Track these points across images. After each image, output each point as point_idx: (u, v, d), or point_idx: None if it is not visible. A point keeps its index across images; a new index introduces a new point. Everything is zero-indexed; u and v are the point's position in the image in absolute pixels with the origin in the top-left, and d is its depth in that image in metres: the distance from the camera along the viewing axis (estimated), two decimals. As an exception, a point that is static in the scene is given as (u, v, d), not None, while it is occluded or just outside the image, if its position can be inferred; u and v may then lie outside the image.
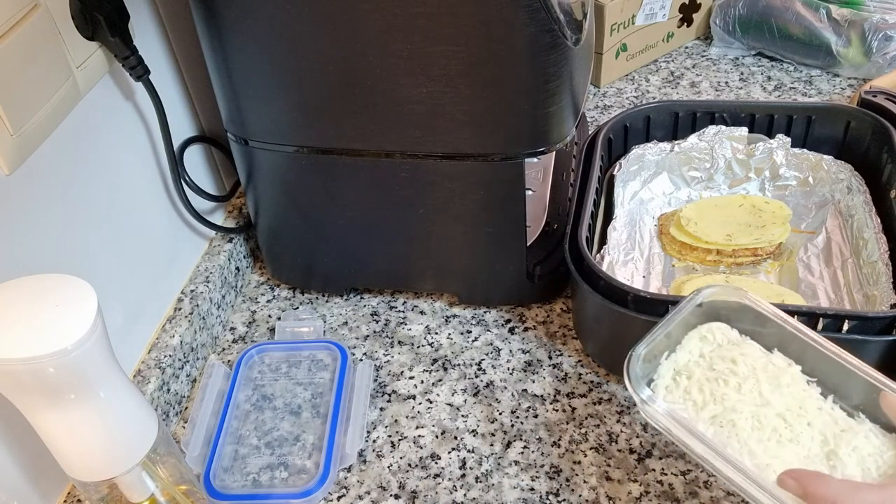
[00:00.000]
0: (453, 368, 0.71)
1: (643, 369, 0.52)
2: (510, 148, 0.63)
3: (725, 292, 0.55)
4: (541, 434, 0.65)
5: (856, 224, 0.72)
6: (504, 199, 0.67)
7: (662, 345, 0.54)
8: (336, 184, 0.68)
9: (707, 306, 0.55)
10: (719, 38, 1.06)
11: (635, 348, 0.52)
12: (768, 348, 0.54)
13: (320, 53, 0.59)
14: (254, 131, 0.66)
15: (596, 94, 1.03)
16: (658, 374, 0.53)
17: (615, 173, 0.79)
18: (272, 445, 0.65)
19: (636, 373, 0.51)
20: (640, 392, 0.50)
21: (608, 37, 0.98)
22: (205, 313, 0.73)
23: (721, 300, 0.55)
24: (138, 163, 0.68)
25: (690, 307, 0.55)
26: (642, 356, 0.52)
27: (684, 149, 0.80)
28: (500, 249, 0.71)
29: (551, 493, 0.60)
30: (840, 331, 0.58)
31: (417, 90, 0.59)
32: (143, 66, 0.62)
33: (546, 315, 0.75)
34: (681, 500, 0.59)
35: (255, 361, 0.73)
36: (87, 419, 0.45)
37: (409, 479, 0.62)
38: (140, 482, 0.49)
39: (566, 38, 0.58)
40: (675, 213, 0.78)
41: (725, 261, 0.74)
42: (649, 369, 0.53)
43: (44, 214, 0.56)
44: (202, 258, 0.77)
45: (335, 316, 0.77)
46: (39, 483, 0.57)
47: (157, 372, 0.66)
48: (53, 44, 0.54)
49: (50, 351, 0.41)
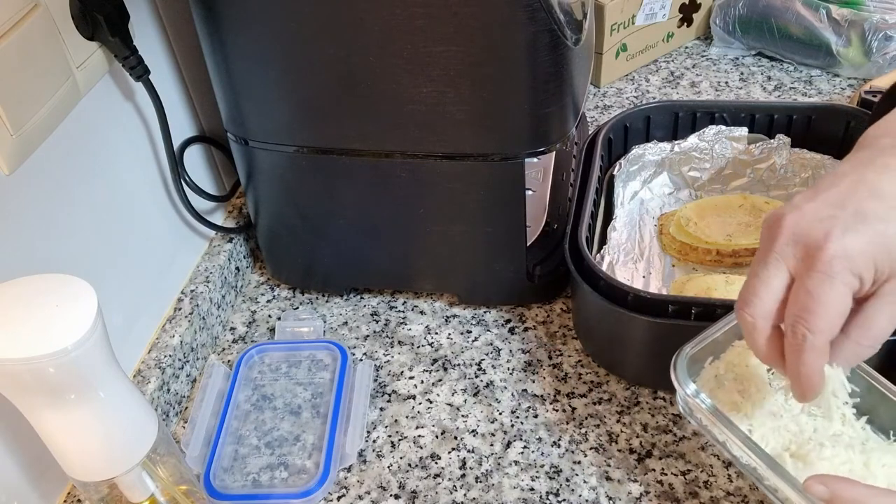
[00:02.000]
0: (453, 368, 0.71)
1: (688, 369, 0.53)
2: (510, 148, 0.63)
3: None
4: (541, 434, 0.65)
5: (856, 224, 0.72)
6: (504, 199, 0.67)
7: (708, 350, 0.55)
8: (336, 184, 0.68)
9: None
10: (719, 38, 1.06)
11: (684, 347, 0.53)
12: None
13: (320, 53, 0.59)
14: (254, 131, 0.66)
15: (596, 94, 1.03)
16: (700, 378, 0.55)
17: (615, 173, 0.79)
18: (272, 445, 0.65)
19: (683, 369, 0.52)
20: (685, 386, 0.51)
21: (608, 37, 0.98)
22: (205, 313, 0.73)
23: None
24: (138, 163, 0.68)
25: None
26: (689, 356, 0.53)
27: (684, 149, 0.80)
28: (500, 249, 0.71)
29: (551, 493, 0.60)
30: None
31: (417, 90, 0.59)
32: (143, 66, 0.62)
33: (546, 315, 0.75)
34: (681, 500, 0.59)
35: (255, 361, 0.73)
36: (87, 419, 0.45)
37: (409, 479, 0.62)
38: (140, 482, 0.49)
39: (566, 38, 0.58)
40: (675, 213, 0.78)
41: (725, 261, 0.74)
42: (693, 371, 0.54)
43: (44, 214, 0.56)
44: (202, 258, 0.77)
45: (335, 316, 0.77)
46: (39, 483, 0.57)
47: (157, 372, 0.66)
48: (53, 44, 0.54)
49: (50, 351, 0.41)
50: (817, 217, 0.43)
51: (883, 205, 0.43)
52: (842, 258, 0.41)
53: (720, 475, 0.60)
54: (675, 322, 0.60)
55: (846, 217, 0.42)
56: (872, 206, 0.43)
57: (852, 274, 0.42)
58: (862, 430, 0.52)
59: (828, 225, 0.42)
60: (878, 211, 0.42)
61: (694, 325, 0.60)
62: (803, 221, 0.43)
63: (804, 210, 0.44)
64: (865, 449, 0.50)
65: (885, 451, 0.50)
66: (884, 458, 0.50)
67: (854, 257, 0.42)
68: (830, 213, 0.43)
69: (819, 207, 0.43)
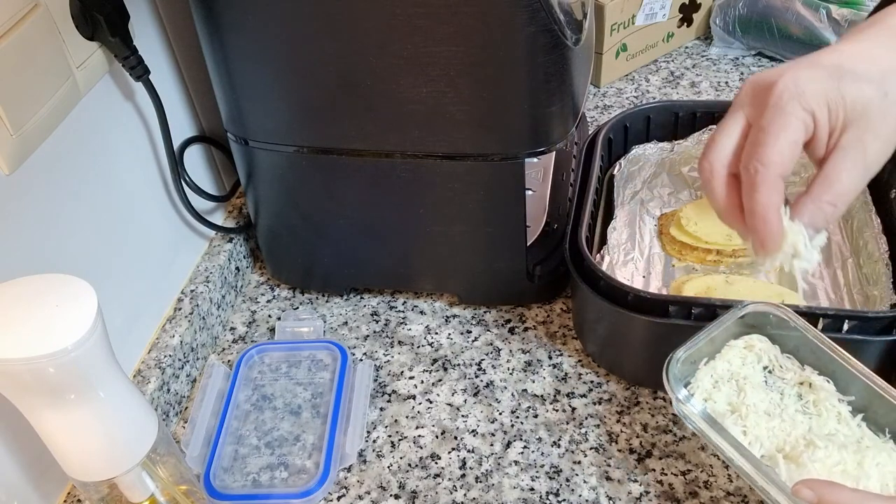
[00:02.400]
0: (453, 368, 0.71)
1: (681, 372, 0.54)
2: (510, 148, 0.63)
3: (768, 307, 0.57)
4: (541, 434, 0.65)
5: (856, 224, 0.72)
6: (504, 199, 0.67)
7: (702, 352, 0.56)
8: (336, 184, 0.68)
9: (749, 318, 0.57)
10: (719, 38, 1.06)
11: (676, 352, 0.54)
12: (804, 364, 0.57)
13: (320, 53, 0.59)
14: (254, 131, 0.66)
15: (596, 94, 1.03)
16: (696, 379, 0.56)
17: (615, 173, 0.79)
18: (272, 445, 0.65)
19: (675, 374, 0.53)
20: (677, 391, 0.52)
21: (608, 37, 0.98)
22: (205, 313, 0.73)
23: (763, 314, 0.57)
24: (138, 163, 0.68)
25: (734, 318, 0.56)
26: (682, 360, 0.54)
27: (684, 149, 0.80)
28: (500, 249, 0.71)
29: (551, 493, 0.60)
30: (840, 331, 0.58)
31: (417, 90, 0.59)
32: (143, 66, 0.62)
33: (546, 315, 0.75)
34: (681, 500, 0.59)
35: (255, 361, 0.73)
36: (87, 419, 0.45)
37: (409, 479, 0.62)
38: (140, 482, 0.49)
39: (566, 38, 0.58)
40: (675, 213, 0.78)
41: (725, 261, 0.74)
42: (686, 373, 0.55)
43: (44, 214, 0.56)
44: (202, 258, 0.77)
45: (335, 316, 0.77)
46: (39, 483, 0.57)
47: (157, 372, 0.66)
48: (53, 44, 0.54)
49: (50, 351, 0.41)
50: (776, 69, 0.44)
51: (838, 56, 0.43)
52: (792, 91, 0.42)
53: (720, 475, 0.60)
54: (675, 322, 0.60)
55: (801, 62, 0.44)
56: (828, 56, 0.44)
57: (803, 108, 0.42)
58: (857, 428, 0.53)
59: (782, 69, 0.44)
60: (832, 58, 0.43)
61: (694, 325, 0.60)
62: (763, 73, 0.45)
63: (769, 70, 0.45)
64: (860, 448, 0.51)
65: (880, 449, 0.51)
66: (878, 457, 0.50)
67: (804, 92, 0.42)
68: (787, 65, 0.44)
69: (781, 66, 0.45)
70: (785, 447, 0.52)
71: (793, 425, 0.53)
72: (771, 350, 0.57)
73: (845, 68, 0.42)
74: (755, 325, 0.57)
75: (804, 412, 0.54)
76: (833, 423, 0.53)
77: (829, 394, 0.54)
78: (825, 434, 0.52)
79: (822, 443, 0.51)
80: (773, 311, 0.56)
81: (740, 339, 0.57)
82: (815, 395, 0.55)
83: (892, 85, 0.43)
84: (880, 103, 0.42)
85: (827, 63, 0.43)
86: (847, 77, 0.42)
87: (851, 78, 0.42)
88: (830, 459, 0.50)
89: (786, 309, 0.56)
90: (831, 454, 0.50)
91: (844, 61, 0.43)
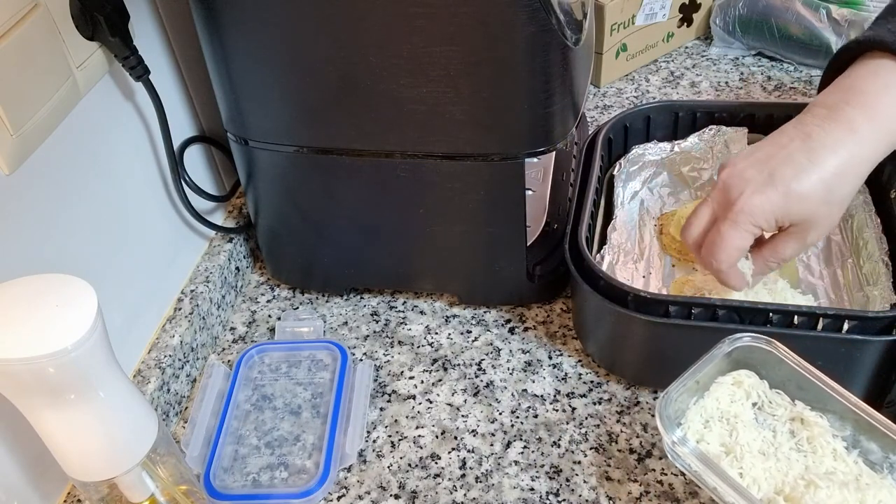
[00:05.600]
0: (453, 368, 0.71)
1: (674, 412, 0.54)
2: (510, 148, 0.63)
3: (756, 341, 0.57)
4: (541, 434, 0.65)
5: (856, 224, 0.72)
6: (504, 199, 0.67)
7: (692, 389, 0.56)
8: (336, 184, 0.68)
9: (737, 354, 0.57)
10: (719, 38, 1.06)
11: (668, 391, 0.54)
12: (794, 399, 0.56)
13: (320, 53, 0.59)
14: (254, 131, 0.66)
15: (596, 94, 1.03)
16: (686, 419, 0.55)
17: (615, 173, 0.79)
18: (272, 445, 0.65)
19: (668, 414, 0.53)
20: (671, 434, 0.52)
21: (608, 37, 0.98)
22: (205, 313, 0.73)
23: (750, 348, 0.57)
24: (138, 163, 0.68)
25: (720, 354, 0.56)
26: (674, 399, 0.54)
27: (684, 149, 0.80)
28: (500, 249, 0.71)
29: (551, 493, 0.60)
30: (840, 331, 0.58)
31: (417, 90, 0.59)
32: (143, 66, 0.62)
33: (546, 315, 0.75)
34: (681, 500, 0.59)
35: (255, 361, 0.73)
36: (87, 419, 0.45)
37: (409, 479, 0.62)
38: (140, 482, 0.49)
39: (566, 38, 0.58)
40: (675, 213, 0.78)
41: (725, 261, 0.74)
42: (677, 412, 0.55)
43: (44, 214, 0.56)
44: (202, 258, 0.77)
45: (335, 316, 0.77)
46: (39, 483, 0.57)
47: (157, 372, 0.66)
48: (53, 44, 0.54)
49: (50, 351, 0.41)
50: (742, 176, 0.56)
51: (792, 170, 0.54)
52: (746, 213, 0.55)
53: (720, 475, 0.60)
54: (675, 322, 0.60)
55: (760, 179, 0.55)
56: (782, 171, 0.54)
57: (753, 225, 0.55)
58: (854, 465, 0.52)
59: (743, 185, 0.56)
60: (786, 175, 0.54)
61: (694, 325, 0.60)
62: (732, 178, 0.57)
63: (737, 167, 0.57)
64: (860, 485, 0.49)
65: (880, 486, 0.50)
66: (879, 495, 0.49)
67: (756, 214, 0.55)
68: (751, 174, 0.56)
69: (746, 167, 0.56)
70: (784, 488, 0.50)
71: (789, 465, 0.52)
72: (759, 386, 0.57)
73: (793, 193, 0.54)
74: (742, 360, 0.57)
75: (798, 450, 0.53)
76: (830, 460, 0.52)
77: (824, 430, 0.53)
78: (823, 472, 0.51)
79: (823, 483, 0.49)
80: (761, 344, 0.56)
81: (728, 376, 0.57)
82: (808, 432, 0.54)
83: (836, 188, 0.54)
84: (825, 209, 0.55)
85: (779, 179, 0.54)
86: (793, 198, 0.54)
87: (797, 199, 0.54)
88: (832, 500, 0.49)
89: (774, 343, 0.56)
90: (833, 494, 0.49)
91: (793, 184, 0.54)
